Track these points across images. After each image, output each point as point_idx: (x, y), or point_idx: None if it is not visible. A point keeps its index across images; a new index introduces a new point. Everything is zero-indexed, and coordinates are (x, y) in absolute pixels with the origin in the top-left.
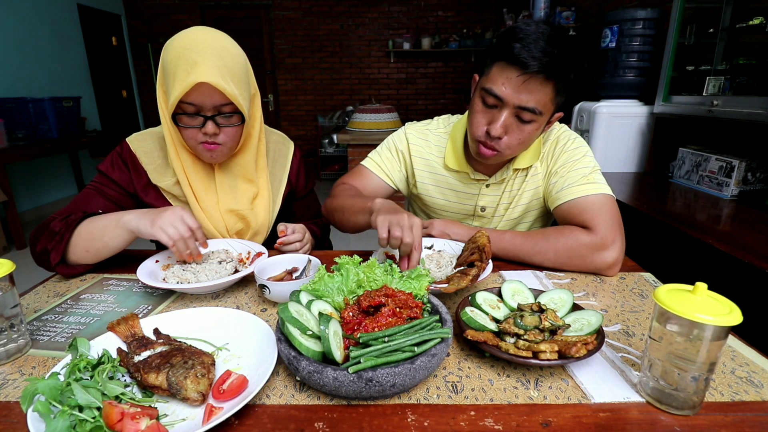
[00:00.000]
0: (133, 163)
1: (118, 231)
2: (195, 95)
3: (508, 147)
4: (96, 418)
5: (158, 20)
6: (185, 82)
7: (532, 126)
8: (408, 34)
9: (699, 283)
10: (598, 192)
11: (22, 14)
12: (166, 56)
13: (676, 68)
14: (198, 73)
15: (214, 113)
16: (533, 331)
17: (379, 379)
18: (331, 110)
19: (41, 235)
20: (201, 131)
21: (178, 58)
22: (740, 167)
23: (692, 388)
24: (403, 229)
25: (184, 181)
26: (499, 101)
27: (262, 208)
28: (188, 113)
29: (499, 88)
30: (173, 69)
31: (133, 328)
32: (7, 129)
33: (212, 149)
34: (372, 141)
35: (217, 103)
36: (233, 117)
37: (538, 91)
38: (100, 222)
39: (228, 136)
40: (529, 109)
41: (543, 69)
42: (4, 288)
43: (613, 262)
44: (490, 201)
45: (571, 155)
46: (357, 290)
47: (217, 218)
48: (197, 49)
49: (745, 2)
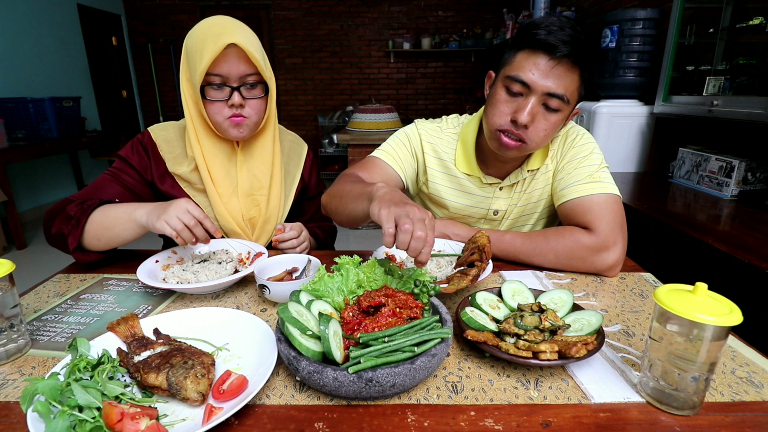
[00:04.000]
0: (153, 150)
1: (129, 224)
2: (222, 65)
3: (534, 138)
4: (96, 418)
5: (158, 20)
6: (215, 47)
7: (558, 116)
8: (408, 34)
9: (699, 283)
10: (602, 191)
11: (22, 14)
12: (189, 41)
13: (676, 68)
14: (226, 37)
15: (240, 84)
16: (533, 332)
17: (379, 379)
18: (331, 110)
19: (57, 217)
20: (227, 104)
21: (205, 34)
22: (740, 167)
23: (692, 388)
24: (414, 222)
25: (203, 167)
26: (526, 88)
27: (275, 195)
28: (215, 85)
29: (526, 74)
30: (200, 45)
31: (133, 328)
32: (7, 129)
33: (239, 122)
34: (372, 141)
35: (242, 73)
36: (257, 88)
37: (565, 77)
38: (114, 212)
39: (253, 108)
40: (557, 95)
41: (571, 53)
42: (4, 288)
43: (613, 264)
44: (503, 204)
45: (578, 151)
46: (357, 290)
47: (234, 203)
48: (222, 24)
49: (745, 2)
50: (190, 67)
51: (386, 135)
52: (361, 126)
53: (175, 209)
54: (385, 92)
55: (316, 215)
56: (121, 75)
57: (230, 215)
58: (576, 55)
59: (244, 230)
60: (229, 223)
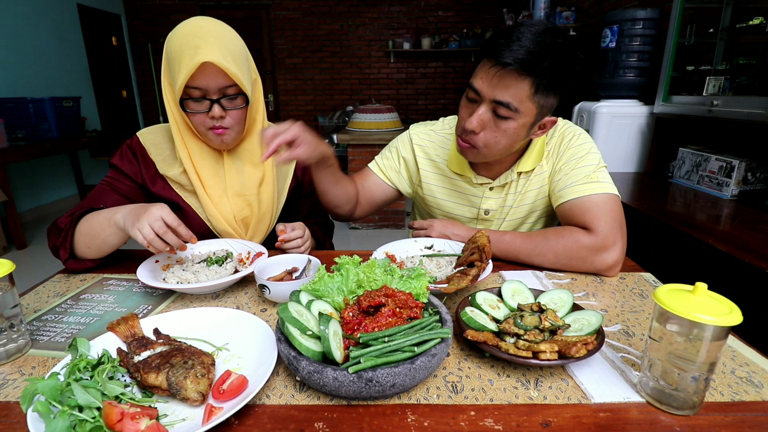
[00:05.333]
0: (141, 154)
1: (111, 229)
2: (200, 78)
3: (486, 145)
4: (96, 418)
5: (158, 20)
6: (190, 64)
7: (509, 124)
8: (408, 34)
9: (699, 283)
10: (601, 191)
11: (22, 14)
12: (169, 46)
13: (676, 68)
14: (202, 54)
15: (219, 96)
16: (533, 331)
17: (379, 379)
18: (331, 110)
19: (51, 231)
20: (208, 116)
21: (182, 45)
22: (740, 167)
23: (692, 388)
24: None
25: (191, 169)
26: (477, 95)
27: (267, 194)
28: (194, 98)
29: (477, 81)
30: (178, 56)
31: (133, 328)
32: (7, 129)
33: (221, 133)
34: (372, 141)
35: (221, 85)
36: (237, 99)
37: (513, 86)
38: (97, 219)
39: (234, 119)
40: (503, 103)
41: (517, 62)
42: (4, 288)
43: (613, 264)
44: (494, 204)
45: (575, 152)
46: (357, 290)
47: (225, 204)
48: (198, 34)
49: (745, 2)
50: (171, 71)
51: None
52: (361, 126)
53: (147, 216)
54: (385, 92)
55: (312, 212)
56: (121, 75)
57: (222, 216)
58: (524, 64)
59: (237, 230)
60: (221, 224)
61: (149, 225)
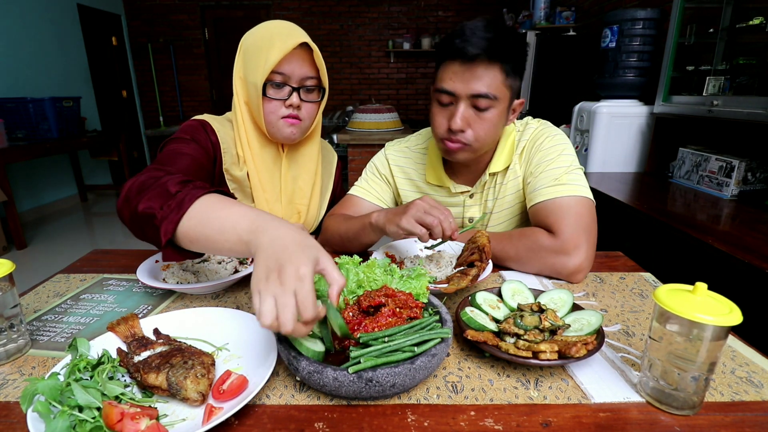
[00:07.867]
0: (216, 144)
1: (238, 246)
2: (286, 64)
3: (476, 139)
4: (96, 418)
5: (158, 20)
6: (286, 45)
7: (492, 113)
8: (408, 34)
9: (699, 283)
10: (568, 194)
11: (22, 14)
12: (251, 39)
13: (676, 68)
14: (297, 37)
15: (299, 85)
16: (533, 331)
17: (379, 379)
18: (331, 110)
19: (149, 190)
20: (285, 103)
21: (272, 34)
22: (740, 167)
23: (692, 388)
24: (431, 211)
25: (253, 170)
26: (452, 97)
27: (315, 205)
28: (276, 83)
29: (448, 83)
30: (267, 42)
31: (133, 328)
32: (7, 129)
33: (294, 123)
34: (372, 141)
35: (304, 75)
36: (314, 92)
37: (485, 76)
38: (226, 216)
39: (308, 111)
40: (482, 95)
41: (483, 51)
42: (4, 288)
43: (575, 269)
44: (476, 211)
45: (545, 155)
46: (357, 290)
47: (277, 210)
48: (289, 26)
49: (745, 2)
50: (248, 66)
51: (386, 135)
52: (361, 126)
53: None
54: (385, 92)
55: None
56: (121, 75)
57: None
58: (489, 51)
59: None
60: None
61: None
